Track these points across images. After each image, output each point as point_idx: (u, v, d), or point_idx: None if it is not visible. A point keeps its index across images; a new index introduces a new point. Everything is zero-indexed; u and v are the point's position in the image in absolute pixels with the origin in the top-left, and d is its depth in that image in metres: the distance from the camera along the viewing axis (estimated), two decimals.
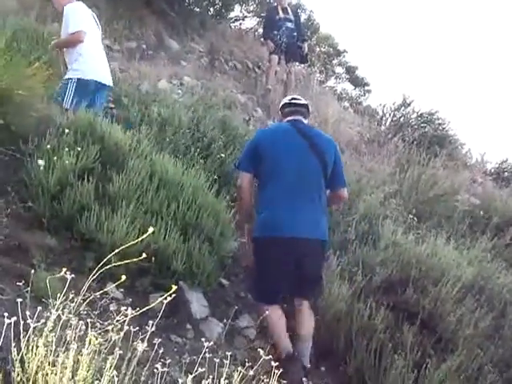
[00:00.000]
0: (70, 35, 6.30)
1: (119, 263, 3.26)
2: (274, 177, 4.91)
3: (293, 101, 5.45)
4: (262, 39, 12.77)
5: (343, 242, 6.34)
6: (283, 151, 4.98)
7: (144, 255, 3.19)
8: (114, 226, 4.45)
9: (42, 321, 2.73)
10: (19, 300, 2.72)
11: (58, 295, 2.89)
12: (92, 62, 6.42)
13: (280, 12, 11.94)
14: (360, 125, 13.03)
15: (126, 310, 2.96)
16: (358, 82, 20.10)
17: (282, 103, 5.56)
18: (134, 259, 3.36)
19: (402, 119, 12.47)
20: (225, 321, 4.77)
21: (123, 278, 3.14)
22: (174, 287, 2.93)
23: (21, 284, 3.35)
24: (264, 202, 4.96)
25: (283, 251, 4.73)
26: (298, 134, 5.09)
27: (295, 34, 11.85)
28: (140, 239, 3.29)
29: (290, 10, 12.06)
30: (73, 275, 3.07)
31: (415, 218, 7.62)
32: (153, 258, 4.52)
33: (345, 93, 19.73)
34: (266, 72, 12.30)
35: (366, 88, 20.32)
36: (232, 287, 5.53)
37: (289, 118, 5.33)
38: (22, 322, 2.61)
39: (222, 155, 6.80)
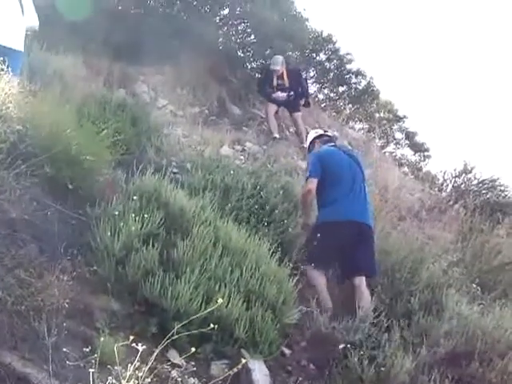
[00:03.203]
0: None
1: (186, 333, 3.24)
2: (335, 182, 6.80)
3: (325, 133, 7.84)
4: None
5: (406, 311, 6.24)
6: (339, 165, 6.99)
7: (212, 325, 3.19)
8: (177, 292, 4.47)
9: None
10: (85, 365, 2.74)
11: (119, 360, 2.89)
12: None
13: (274, 80, 11.96)
14: (420, 191, 12.90)
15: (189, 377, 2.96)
16: (417, 148, 19.94)
17: (315, 135, 7.72)
18: (197, 326, 3.36)
19: (463, 186, 12.31)
20: None
21: (192, 350, 3.13)
22: (243, 361, 2.92)
23: (87, 350, 3.37)
24: (329, 199, 6.77)
25: (343, 230, 6.60)
26: (343, 152, 7.28)
27: (291, 98, 11.94)
28: (209, 310, 3.30)
29: (285, 76, 11.98)
30: (139, 343, 3.05)
31: (479, 288, 7.45)
32: (215, 325, 4.52)
33: (404, 158, 19.61)
34: (267, 121, 12.16)
35: (426, 153, 20.15)
36: (293, 356, 5.47)
37: (329, 144, 7.46)
38: None
39: (285, 221, 6.81)
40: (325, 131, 8.02)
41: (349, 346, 5.36)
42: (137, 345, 3.11)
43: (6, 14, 6.70)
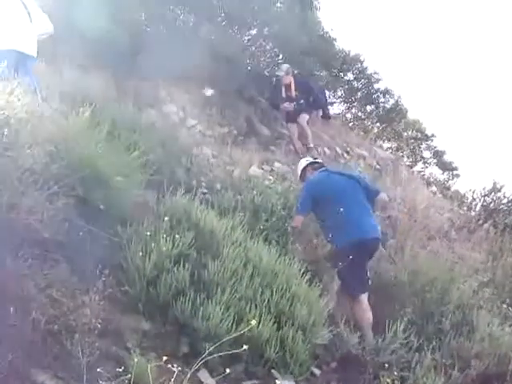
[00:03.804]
0: None
1: (218, 354, 3.25)
2: (335, 205, 6.70)
3: (315, 160, 8.03)
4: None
5: (437, 332, 6.20)
6: (332, 189, 7.07)
7: (243, 346, 3.19)
8: (208, 313, 4.49)
9: None
10: None
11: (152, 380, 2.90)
12: None
13: (283, 91, 11.99)
14: (449, 210, 12.82)
15: None
16: (446, 166, 19.86)
17: (306, 163, 7.87)
18: (228, 346, 3.36)
19: (492, 205, 12.21)
20: None
21: (223, 370, 3.14)
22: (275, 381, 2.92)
23: (119, 370, 3.39)
24: (338, 223, 6.63)
25: (363, 248, 6.65)
26: (336, 174, 7.40)
27: (301, 106, 11.94)
28: (241, 331, 3.30)
29: (293, 87, 11.98)
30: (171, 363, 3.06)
31: (510, 308, 7.39)
32: (246, 346, 4.51)
33: (433, 177, 19.52)
34: (292, 142, 12.18)
35: (455, 172, 20.05)
36: (323, 377, 5.45)
37: (321, 170, 7.60)
38: None
39: (314, 242, 6.81)
40: (315, 158, 8.22)
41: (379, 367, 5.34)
42: (170, 365, 3.12)
43: (17, 21, 6.85)
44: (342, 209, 6.65)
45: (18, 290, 3.84)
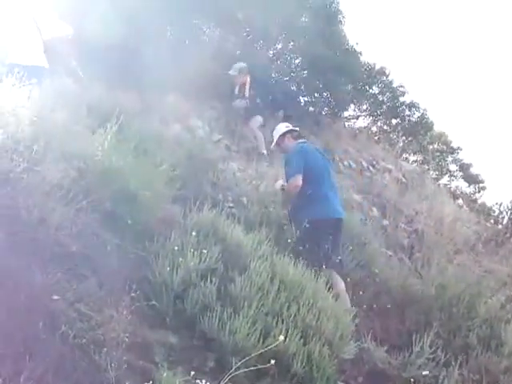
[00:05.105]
0: None
1: (245, 370, 3.25)
2: (317, 179, 7.21)
3: (295, 128, 8.01)
4: None
5: (464, 346, 6.15)
6: (318, 163, 7.42)
7: (271, 361, 3.19)
8: (235, 327, 4.49)
9: None
10: None
11: None
12: None
13: (236, 89, 11.72)
14: (476, 223, 12.74)
15: None
16: (472, 179, 19.76)
17: (286, 129, 7.88)
18: (254, 360, 3.37)
19: None
20: None
21: None
22: None
23: None
24: (316, 196, 7.03)
25: (332, 227, 7.01)
26: (317, 151, 7.71)
27: (258, 104, 11.76)
28: (269, 346, 3.31)
29: (247, 86, 11.66)
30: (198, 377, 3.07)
31: None
32: (272, 360, 4.51)
33: (459, 190, 19.42)
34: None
35: (481, 185, 19.93)
36: None
37: (300, 140, 7.87)
38: None
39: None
40: (294, 126, 8.14)
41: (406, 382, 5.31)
42: (198, 380, 3.13)
43: (25, 34, 6.96)
44: (323, 184, 7.25)
45: (47, 305, 3.88)
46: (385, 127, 17.58)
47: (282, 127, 8.00)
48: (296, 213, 7.14)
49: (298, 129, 8.15)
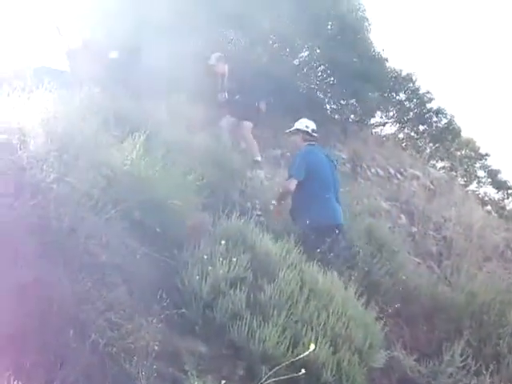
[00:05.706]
0: None
1: (276, 379, 3.24)
2: (321, 182, 7.39)
3: (313, 133, 8.00)
4: None
5: (495, 355, 6.09)
6: (322, 168, 7.55)
7: (301, 370, 3.18)
8: (265, 336, 4.48)
9: None
10: None
11: None
12: None
13: (219, 81, 10.91)
14: (505, 230, 12.64)
15: None
16: (500, 186, 19.61)
17: (305, 130, 7.95)
18: (284, 369, 3.35)
19: None
20: None
21: None
22: None
23: None
24: (319, 199, 7.26)
25: (332, 233, 6.99)
26: (324, 155, 7.76)
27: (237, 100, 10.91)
28: (301, 356, 3.30)
29: (226, 76, 10.88)
30: None
31: None
32: (302, 369, 4.49)
33: (487, 196, 19.28)
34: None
35: (510, 191, 19.77)
36: None
37: (311, 143, 7.87)
38: None
39: (367, 268, 6.78)
40: (313, 130, 8.10)
41: None
42: None
43: (48, 39, 7.05)
44: (321, 189, 7.35)
45: (78, 314, 3.90)
46: (412, 134, 17.50)
47: (303, 125, 8.08)
48: (297, 214, 7.32)
49: (316, 135, 8.13)
